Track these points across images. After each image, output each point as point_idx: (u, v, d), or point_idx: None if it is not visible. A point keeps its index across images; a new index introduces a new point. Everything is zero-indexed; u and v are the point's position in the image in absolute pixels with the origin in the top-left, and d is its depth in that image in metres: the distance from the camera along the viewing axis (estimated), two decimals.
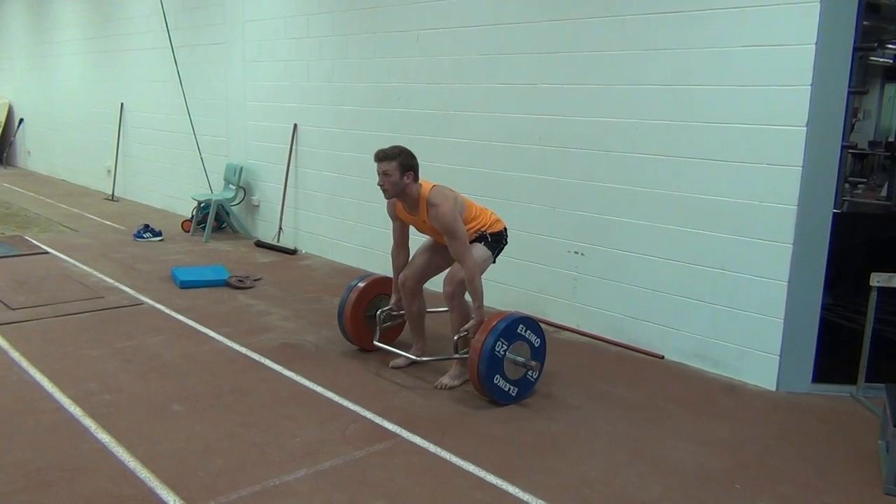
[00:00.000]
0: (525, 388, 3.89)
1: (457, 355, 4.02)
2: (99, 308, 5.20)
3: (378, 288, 4.52)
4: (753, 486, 3.12)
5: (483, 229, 4.07)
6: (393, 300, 4.34)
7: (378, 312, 4.35)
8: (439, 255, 4.21)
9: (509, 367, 3.78)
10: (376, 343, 4.35)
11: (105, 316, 5.05)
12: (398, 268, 4.27)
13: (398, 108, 6.20)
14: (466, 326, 3.93)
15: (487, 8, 5.42)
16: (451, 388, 4.01)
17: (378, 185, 3.96)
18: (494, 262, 4.17)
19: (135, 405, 3.64)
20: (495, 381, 3.73)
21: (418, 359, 4.27)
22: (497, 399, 3.79)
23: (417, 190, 3.95)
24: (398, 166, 3.86)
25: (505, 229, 4.18)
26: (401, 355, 4.30)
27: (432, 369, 4.25)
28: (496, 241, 4.11)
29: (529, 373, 3.89)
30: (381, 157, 3.90)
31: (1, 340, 4.45)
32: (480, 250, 4.03)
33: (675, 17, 4.39)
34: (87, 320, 4.94)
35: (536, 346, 3.92)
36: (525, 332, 3.86)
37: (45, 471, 2.98)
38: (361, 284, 4.45)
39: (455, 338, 3.98)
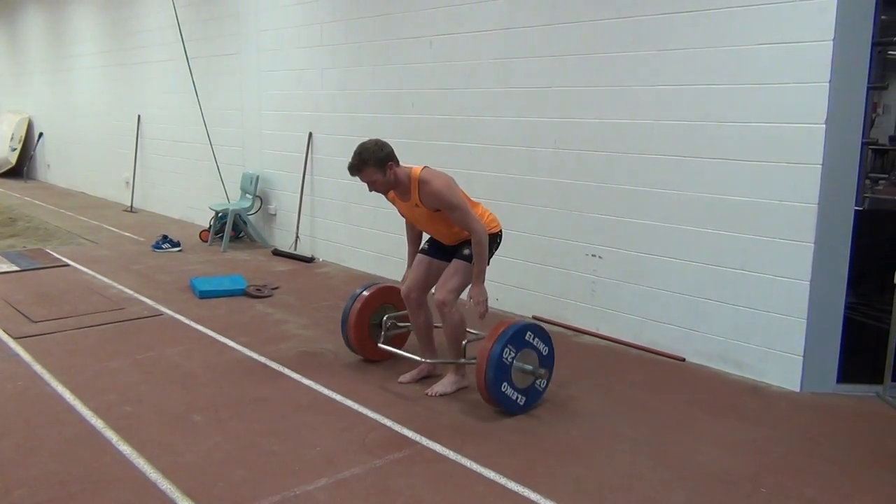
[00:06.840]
0: (533, 397, 3.82)
1: (463, 360, 3.97)
2: (119, 319, 5.24)
3: (383, 297, 4.46)
4: (779, 489, 3.07)
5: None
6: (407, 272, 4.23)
7: (384, 318, 4.31)
8: (438, 260, 4.10)
9: (517, 375, 3.71)
10: (381, 346, 4.25)
11: (125, 327, 5.09)
12: (412, 239, 4.25)
13: (412, 115, 6.20)
14: (471, 293, 3.81)
15: (500, 12, 5.41)
16: (444, 395, 3.96)
17: (370, 192, 3.89)
18: (488, 264, 3.95)
19: (155, 416, 3.66)
20: (503, 389, 3.66)
21: (424, 361, 4.12)
22: (505, 408, 3.73)
23: (407, 173, 3.81)
24: (375, 169, 3.75)
25: (500, 233, 4.04)
26: (410, 358, 4.17)
27: None
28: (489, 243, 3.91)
29: (538, 382, 3.82)
30: (354, 171, 3.78)
31: (24, 353, 4.49)
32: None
33: (689, 16, 4.35)
34: (108, 332, 4.98)
35: (545, 354, 3.85)
36: (533, 339, 3.79)
37: (68, 483, 2.99)
38: (366, 293, 4.40)
39: (464, 343, 3.93)
